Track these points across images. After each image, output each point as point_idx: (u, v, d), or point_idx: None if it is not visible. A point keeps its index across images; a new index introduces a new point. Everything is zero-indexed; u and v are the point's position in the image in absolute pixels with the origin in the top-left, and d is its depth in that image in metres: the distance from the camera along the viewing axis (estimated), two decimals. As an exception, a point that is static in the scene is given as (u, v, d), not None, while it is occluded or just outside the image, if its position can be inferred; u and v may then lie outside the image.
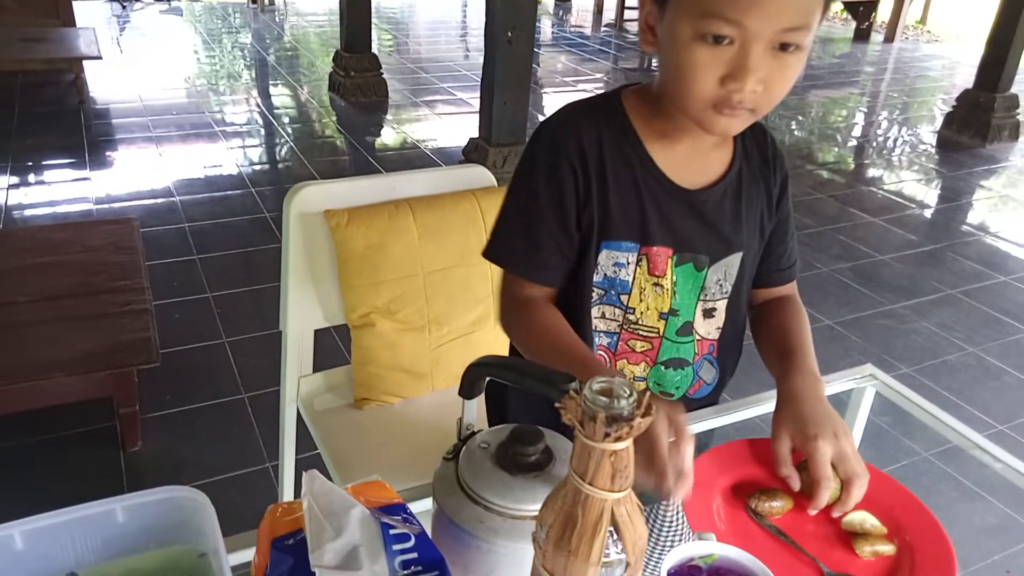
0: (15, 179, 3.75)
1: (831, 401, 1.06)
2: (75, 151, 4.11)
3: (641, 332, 0.97)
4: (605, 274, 0.95)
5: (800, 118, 5.74)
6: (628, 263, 0.94)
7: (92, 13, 7.11)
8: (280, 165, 4.33)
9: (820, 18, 0.80)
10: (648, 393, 0.51)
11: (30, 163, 3.94)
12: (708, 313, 0.99)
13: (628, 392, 0.49)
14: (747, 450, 0.89)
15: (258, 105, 5.29)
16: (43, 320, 2.03)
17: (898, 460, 2.18)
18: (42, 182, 3.85)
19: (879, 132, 5.67)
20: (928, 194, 4.51)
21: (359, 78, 5.19)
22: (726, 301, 1.00)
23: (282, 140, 4.66)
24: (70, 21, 5.60)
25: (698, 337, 1.00)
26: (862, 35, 8.67)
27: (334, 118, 5.09)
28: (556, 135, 0.93)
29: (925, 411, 1.01)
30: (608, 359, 1.00)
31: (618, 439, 0.48)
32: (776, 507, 0.81)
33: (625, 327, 0.97)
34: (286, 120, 5.02)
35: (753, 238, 0.99)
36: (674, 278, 0.95)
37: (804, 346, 0.96)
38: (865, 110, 6.22)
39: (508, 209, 0.96)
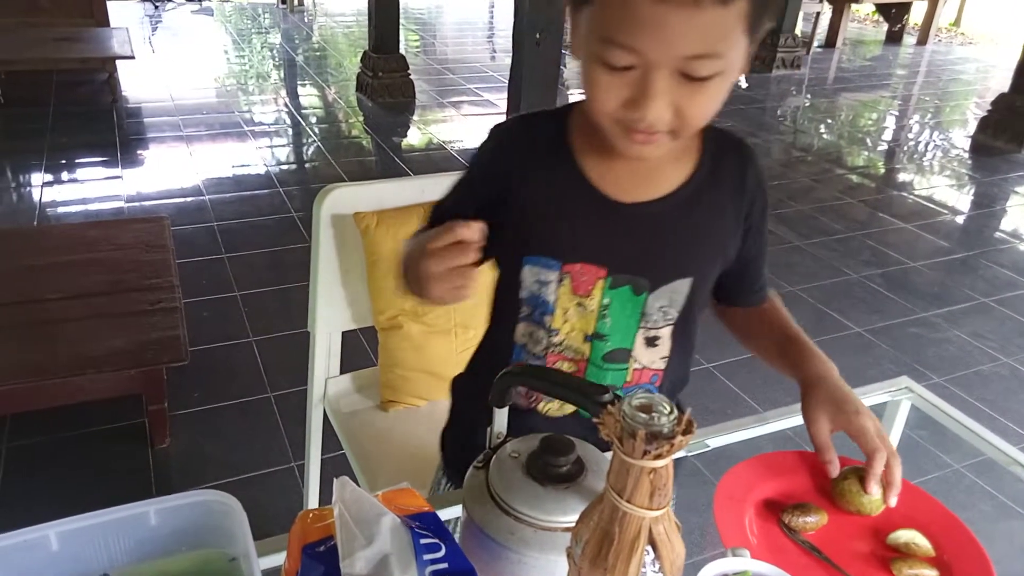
0: (49, 176, 3.82)
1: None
2: (107, 149, 4.17)
3: (567, 354, 0.92)
4: (530, 291, 0.90)
5: (829, 121, 5.67)
6: (549, 281, 0.88)
7: (125, 13, 7.22)
8: (307, 165, 4.36)
9: (747, 42, 0.73)
10: (689, 411, 0.50)
11: (64, 161, 4.01)
12: (651, 342, 0.92)
13: (668, 409, 0.48)
14: (780, 463, 0.87)
15: (286, 105, 5.33)
16: (75, 317, 2.06)
17: (932, 472, 2.14)
18: (75, 180, 3.92)
19: (910, 136, 5.59)
20: (961, 200, 4.43)
21: (387, 79, 5.21)
22: (671, 328, 0.92)
23: (309, 140, 4.69)
24: (104, 21, 5.68)
25: (638, 366, 0.93)
26: (894, 37, 8.55)
27: (361, 118, 5.12)
28: (500, 139, 0.93)
29: (962, 425, 0.99)
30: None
31: (658, 457, 0.48)
32: (810, 522, 0.79)
33: (550, 349, 0.92)
34: (314, 120, 5.06)
35: (709, 265, 0.91)
36: (605, 300, 0.88)
37: (803, 333, 0.96)
38: (896, 113, 6.13)
39: (446, 192, 0.97)
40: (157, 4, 8.07)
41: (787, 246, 3.54)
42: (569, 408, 0.95)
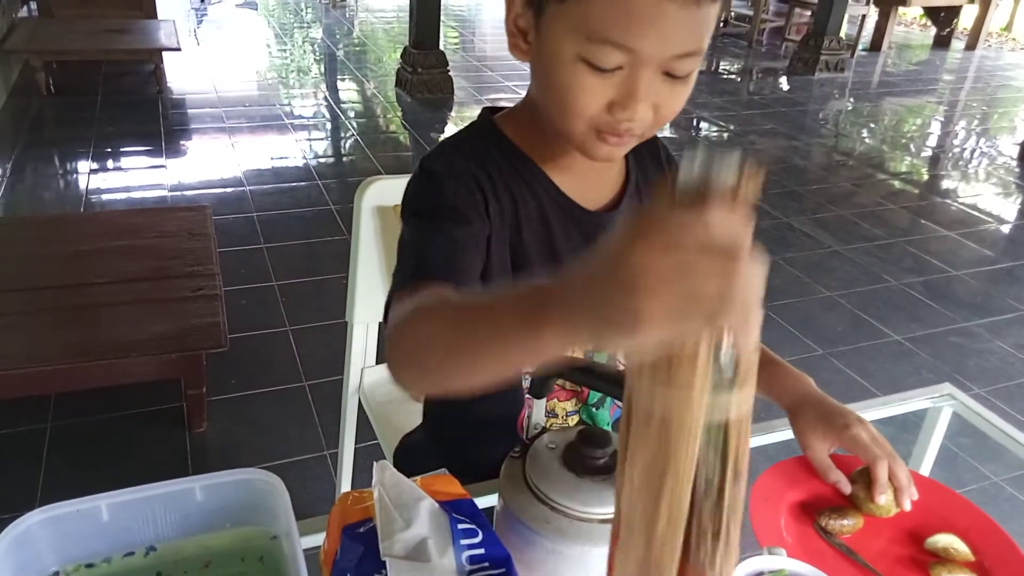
0: (96, 165, 3.91)
1: (902, 420, 1.03)
2: (152, 139, 4.25)
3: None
4: None
5: (872, 126, 5.58)
6: None
7: (173, 6, 7.36)
8: (345, 159, 4.40)
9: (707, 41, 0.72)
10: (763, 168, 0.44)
11: (110, 149, 4.10)
12: None
13: (732, 160, 0.42)
14: (810, 465, 0.86)
15: (326, 99, 5.39)
16: (119, 302, 2.11)
17: (972, 483, 2.10)
18: (120, 168, 4.01)
19: (956, 142, 5.47)
20: (1007, 208, 4.33)
21: (426, 74, 5.24)
22: None
23: (348, 134, 4.74)
24: (152, 13, 5.80)
25: (622, 367, 0.92)
26: (942, 42, 8.37)
27: (400, 114, 5.16)
28: (453, 157, 0.82)
29: (1006, 434, 0.97)
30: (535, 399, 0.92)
31: None
32: (847, 525, 0.79)
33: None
34: (352, 114, 5.11)
35: None
36: None
37: (770, 351, 0.94)
38: (942, 119, 6.01)
39: (412, 234, 0.79)
40: (203, -2, 8.21)
41: (826, 251, 3.49)
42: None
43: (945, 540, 0.77)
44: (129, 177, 3.94)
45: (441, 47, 5.39)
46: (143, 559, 0.67)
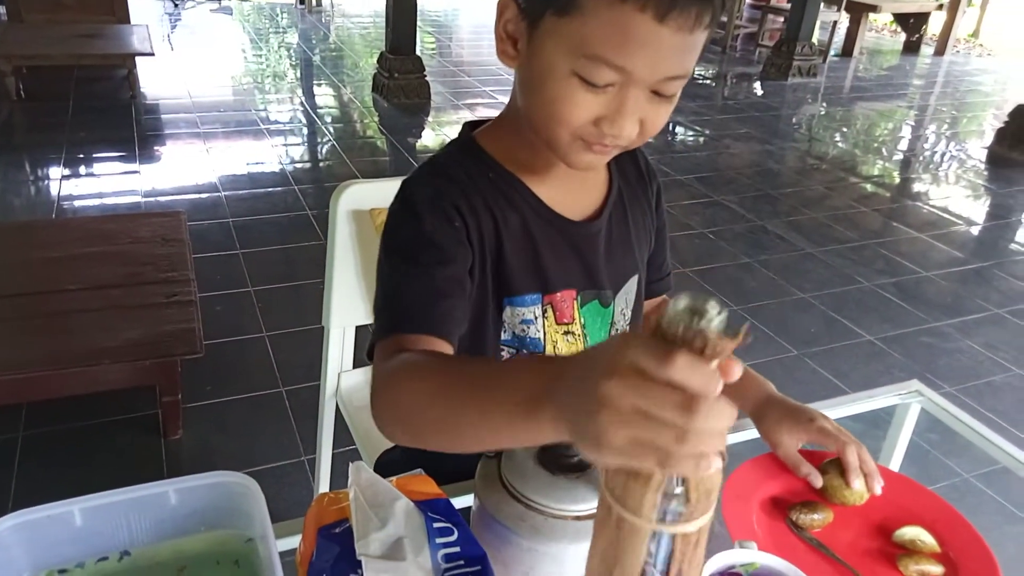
0: (68, 171, 3.86)
1: (873, 416, 1.05)
2: (126, 145, 4.21)
3: None
4: (513, 332, 0.86)
5: (845, 130, 5.66)
6: (535, 317, 0.86)
7: (146, 11, 7.29)
8: (322, 164, 4.39)
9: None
10: (747, 327, 0.46)
11: (82, 155, 4.05)
12: None
13: (717, 312, 0.45)
14: (781, 462, 0.88)
15: (303, 104, 5.37)
16: (92, 308, 2.09)
17: (941, 480, 2.13)
18: (93, 174, 3.96)
19: (926, 146, 5.57)
20: (976, 210, 4.41)
21: (402, 80, 5.24)
22: (629, 328, 0.95)
23: (325, 139, 4.72)
24: (125, 18, 5.75)
25: None
26: (912, 48, 8.52)
27: (376, 119, 5.15)
28: (432, 184, 0.82)
29: (973, 430, 1.00)
30: None
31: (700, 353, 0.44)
32: (817, 520, 0.80)
33: None
34: (329, 120, 5.09)
35: (643, 256, 0.96)
36: (582, 321, 0.88)
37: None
38: (912, 124, 6.11)
39: (393, 273, 0.79)
40: (177, 2, 8.14)
41: (799, 253, 3.53)
42: None
43: (912, 532, 0.78)
44: (102, 183, 3.89)
45: (418, 52, 5.39)
46: (117, 564, 0.66)
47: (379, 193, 1.40)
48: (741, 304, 3.03)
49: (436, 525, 0.64)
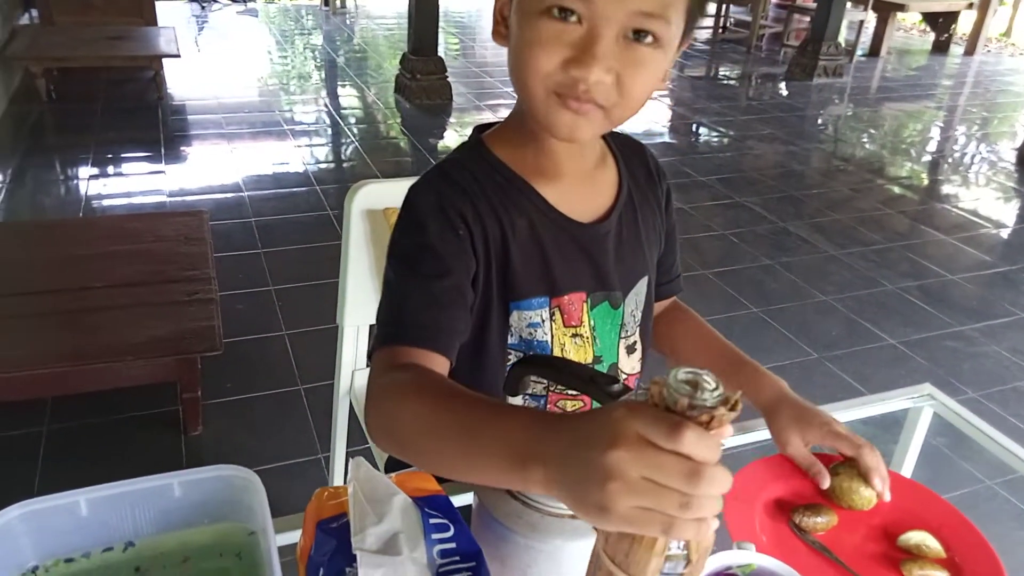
0: (96, 170, 3.93)
1: (885, 420, 1.04)
2: (152, 145, 4.28)
3: (570, 391, 0.89)
4: (520, 336, 0.86)
5: (871, 131, 5.59)
6: (543, 320, 0.85)
7: (173, 13, 7.40)
8: (345, 164, 4.42)
9: (686, 20, 0.73)
10: (740, 394, 0.49)
11: (110, 155, 4.12)
12: (630, 349, 0.94)
13: (714, 385, 0.47)
14: (792, 464, 0.87)
15: (326, 105, 5.42)
16: (117, 305, 2.13)
17: (953, 485, 2.10)
18: (120, 174, 4.03)
19: (955, 148, 5.48)
20: (1005, 213, 4.33)
21: (424, 81, 5.27)
22: (639, 329, 0.95)
23: (348, 140, 4.76)
24: (152, 20, 5.84)
25: (624, 376, 0.94)
26: (941, 47, 8.39)
27: (399, 120, 5.18)
28: (439, 190, 0.81)
29: (986, 435, 0.98)
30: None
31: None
32: (820, 523, 0.80)
33: (552, 388, 0.89)
34: (352, 120, 5.13)
35: (653, 257, 0.96)
36: (592, 323, 0.88)
37: (743, 352, 0.97)
38: (941, 125, 6.02)
39: (397, 281, 0.80)
40: (204, 4, 8.25)
41: (822, 255, 3.50)
42: None
43: (917, 537, 0.77)
44: (129, 183, 3.96)
45: (440, 53, 5.41)
46: (122, 554, 0.68)
47: (393, 193, 1.42)
48: (761, 306, 3.00)
49: (432, 521, 0.64)
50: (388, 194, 1.41)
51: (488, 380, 0.86)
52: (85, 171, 3.90)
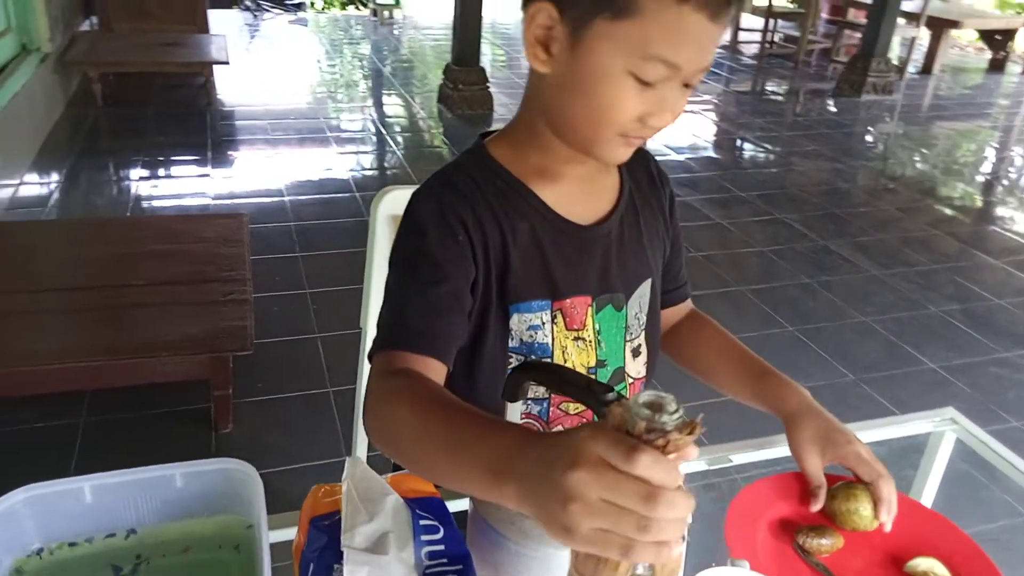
0: (145, 172, 4.05)
1: (904, 443, 1.01)
2: (199, 149, 4.39)
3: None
4: (521, 339, 0.86)
5: (924, 151, 5.46)
6: (543, 323, 0.86)
7: (227, 21, 7.60)
8: (387, 173, 4.48)
9: None
10: (700, 416, 0.49)
11: (160, 158, 4.25)
12: (636, 352, 0.94)
13: (675, 408, 0.48)
14: (801, 483, 0.85)
15: (370, 114, 5.50)
16: (155, 303, 2.19)
17: (981, 516, 2.02)
18: (168, 176, 4.15)
19: (1011, 169, 5.32)
20: (1060, 238, 4.19)
21: (466, 91, 5.31)
22: (644, 332, 0.95)
23: (390, 149, 4.82)
24: (205, 28, 6.00)
25: (630, 380, 0.94)
26: (997, 65, 8.17)
27: (441, 129, 5.23)
28: (440, 197, 0.83)
29: (1010, 464, 0.95)
30: (540, 427, 0.91)
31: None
32: (825, 545, 0.78)
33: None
34: (397, 129, 5.20)
35: (657, 260, 0.96)
36: (597, 327, 0.89)
37: (767, 363, 0.96)
38: (996, 145, 5.85)
39: (396, 286, 0.82)
40: (256, 13, 8.46)
41: (864, 275, 3.42)
42: None
43: (925, 564, 0.75)
44: (175, 185, 4.07)
45: (484, 64, 5.45)
46: (124, 541, 0.69)
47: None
48: (797, 325, 2.95)
49: (423, 523, 0.64)
50: (413, 200, 1.43)
51: (488, 383, 0.86)
52: (135, 173, 4.02)
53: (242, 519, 0.72)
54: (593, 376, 0.90)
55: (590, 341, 0.89)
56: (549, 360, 0.86)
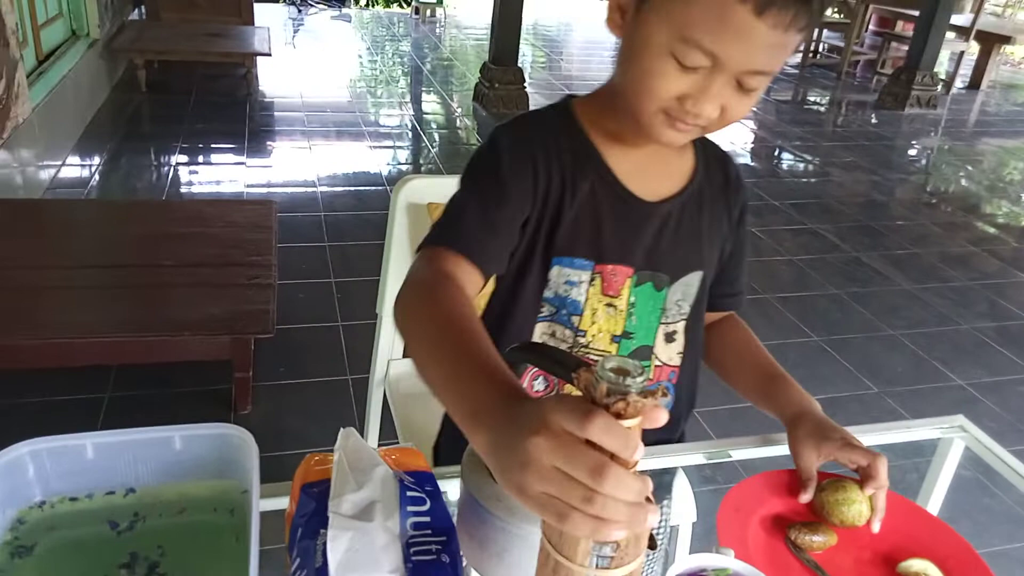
0: (183, 158, 4.13)
1: (911, 448, 1.00)
2: (237, 138, 4.47)
3: (592, 356, 0.91)
4: (556, 291, 0.89)
5: (969, 167, 5.34)
6: (580, 281, 0.88)
7: (271, 15, 7.72)
8: (420, 168, 4.51)
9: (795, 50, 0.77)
10: (663, 385, 0.50)
11: (200, 145, 4.33)
12: (669, 337, 0.95)
13: (640, 374, 0.49)
14: (794, 481, 0.85)
15: (407, 110, 5.54)
16: (181, 283, 2.23)
17: (980, 520, 1.98)
18: (205, 163, 4.22)
19: (1058, 189, 5.18)
20: (1104, 260, 4.07)
21: (502, 90, 5.33)
22: (684, 323, 0.95)
23: (423, 145, 4.86)
24: (249, 20, 6.11)
25: (658, 363, 0.95)
26: (1049, 83, 7.96)
27: (475, 127, 5.25)
28: (520, 134, 0.87)
29: (1018, 474, 0.93)
30: (555, 381, 0.94)
31: (617, 415, 0.48)
32: (817, 541, 0.77)
33: (575, 350, 0.91)
34: (433, 126, 5.24)
35: (713, 257, 0.97)
36: (632, 299, 0.91)
37: (783, 370, 0.97)
38: (1043, 164, 5.70)
39: (461, 196, 0.86)
40: (300, 8, 8.58)
41: (895, 289, 3.36)
42: None
43: (919, 565, 0.74)
44: (211, 172, 4.14)
45: (521, 64, 5.47)
46: (123, 499, 0.71)
47: (437, 188, 1.45)
48: (823, 336, 2.91)
49: (410, 494, 0.65)
50: (432, 189, 1.44)
51: (517, 325, 0.90)
52: (173, 158, 4.11)
53: (238, 484, 0.73)
54: (617, 345, 0.92)
55: (622, 310, 0.91)
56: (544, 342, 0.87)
